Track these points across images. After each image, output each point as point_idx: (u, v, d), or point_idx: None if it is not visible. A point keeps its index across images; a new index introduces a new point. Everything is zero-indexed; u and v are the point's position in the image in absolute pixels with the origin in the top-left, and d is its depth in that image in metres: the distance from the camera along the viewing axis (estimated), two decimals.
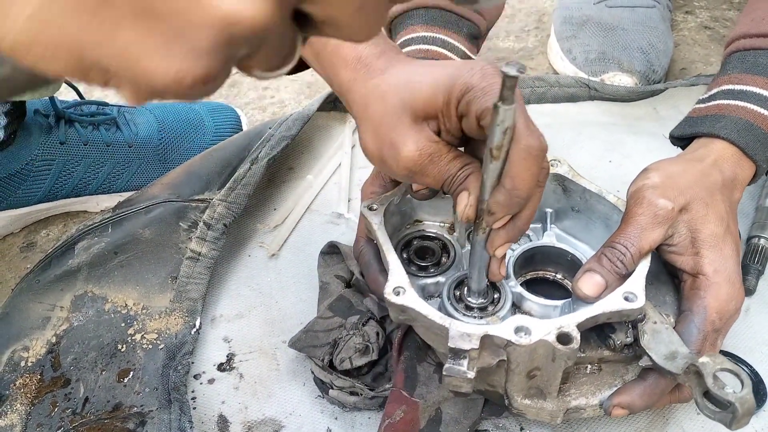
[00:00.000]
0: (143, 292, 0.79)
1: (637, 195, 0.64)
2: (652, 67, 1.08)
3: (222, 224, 0.83)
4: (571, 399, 0.62)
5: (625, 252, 0.61)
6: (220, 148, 0.93)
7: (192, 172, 0.89)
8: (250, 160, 0.89)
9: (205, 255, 0.81)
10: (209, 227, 0.83)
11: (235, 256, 0.87)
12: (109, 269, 0.81)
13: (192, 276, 0.80)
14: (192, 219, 0.84)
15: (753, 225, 0.84)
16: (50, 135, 0.92)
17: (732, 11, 1.28)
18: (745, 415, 0.54)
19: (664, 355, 0.58)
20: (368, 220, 0.66)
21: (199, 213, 0.84)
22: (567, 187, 0.71)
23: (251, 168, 0.88)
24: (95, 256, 0.82)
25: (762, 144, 0.68)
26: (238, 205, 0.85)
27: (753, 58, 0.72)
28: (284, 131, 0.93)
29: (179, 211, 0.84)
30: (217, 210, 0.84)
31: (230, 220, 0.84)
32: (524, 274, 0.71)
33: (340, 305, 0.76)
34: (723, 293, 0.62)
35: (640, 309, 0.59)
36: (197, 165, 0.91)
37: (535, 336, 0.56)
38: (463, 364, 0.56)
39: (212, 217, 0.83)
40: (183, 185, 0.88)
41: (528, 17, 1.31)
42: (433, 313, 0.58)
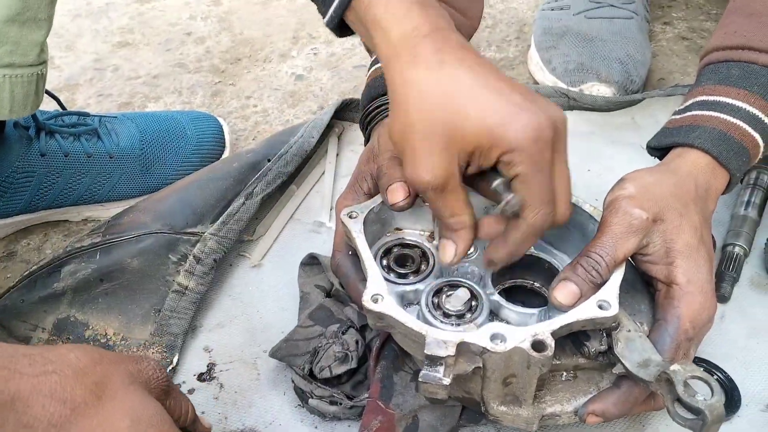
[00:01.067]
0: (125, 322, 0.79)
1: (612, 205, 0.65)
2: (630, 77, 1.09)
3: (212, 259, 0.83)
4: (546, 406, 0.62)
5: (600, 261, 0.62)
6: (215, 178, 0.91)
7: (185, 201, 0.88)
8: (245, 195, 0.88)
9: (191, 289, 0.81)
10: (198, 261, 0.82)
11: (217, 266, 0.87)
12: (93, 296, 0.80)
13: (176, 310, 0.79)
14: (182, 252, 0.83)
15: (728, 233, 0.85)
16: (30, 147, 0.91)
17: (709, 22, 1.30)
18: (715, 422, 0.55)
19: (637, 363, 0.59)
20: (348, 227, 0.67)
21: (190, 246, 0.83)
22: None
23: (245, 203, 0.87)
24: (81, 281, 0.81)
25: (735, 153, 0.69)
26: (229, 240, 0.84)
27: (726, 69, 0.73)
28: (282, 167, 0.92)
29: (170, 243, 0.83)
30: (208, 244, 0.83)
31: (220, 255, 0.83)
32: (503, 283, 0.72)
33: (320, 314, 0.76)
34: (696, 303, 0.63)
35: (613, 317, 0.59)
36: (191, 194, 0.89)
37: (510, 343, 0.57)
38: (439, 370, 0.56)
39: (203, 251, 0.83)
40: (175, 215, 0.86)
41: (509, 27, 1.33)
42: (410, 320, 0.59)
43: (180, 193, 0.90)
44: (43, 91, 0.79)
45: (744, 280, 0.84)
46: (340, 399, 0.70)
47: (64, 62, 1.28)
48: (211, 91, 1.22)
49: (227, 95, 1.21)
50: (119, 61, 1.29)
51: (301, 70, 1.25)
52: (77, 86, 1.23)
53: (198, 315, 0.82)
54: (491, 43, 1.29)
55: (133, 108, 1.19)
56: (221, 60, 1.28)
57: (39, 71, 0.76)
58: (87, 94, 1.22)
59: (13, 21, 0.70)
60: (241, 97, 1.20)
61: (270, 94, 1.20)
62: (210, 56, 1.29)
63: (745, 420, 0.71)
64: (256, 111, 1.18)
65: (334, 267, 0.71)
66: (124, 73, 1.26)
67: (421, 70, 0.57)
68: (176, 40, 1.33)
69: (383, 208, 0.69)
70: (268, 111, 1.18)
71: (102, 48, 1.32)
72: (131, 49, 1.32)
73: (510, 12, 1.36)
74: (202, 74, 1.25)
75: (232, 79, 1.24)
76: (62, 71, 1.26)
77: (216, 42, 1.32)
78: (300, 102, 1.19)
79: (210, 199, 0.88)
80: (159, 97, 1.21)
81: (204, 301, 0.83)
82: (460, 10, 0.92)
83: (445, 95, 0.56)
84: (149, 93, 1.22)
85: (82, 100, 1.21)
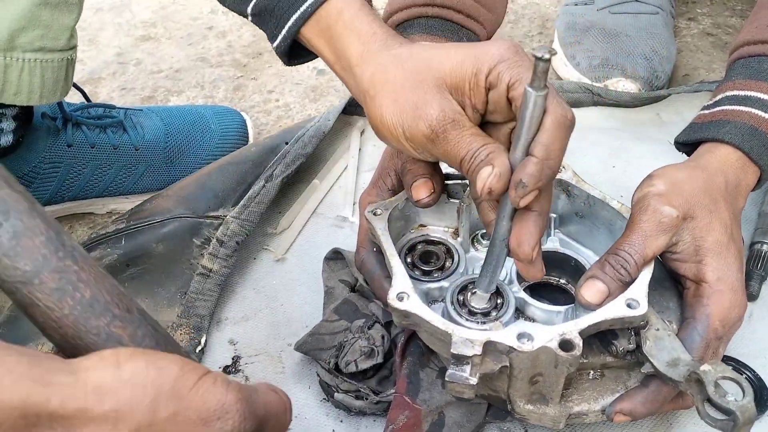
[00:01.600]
0: (152, 305, 0.79)
1: (642, 202, 0.64)
2: (656, 73, 1.08)
3: (234, 241, 0.83)
4: (573, 405, 0.62)
5: (629, 259, 0.61)
6: (234, 162, 0.93)
7: (207, 186, 0.89)
8: (265, 178, 0.89)
9: (216, 272, 0.82)
10: (222, 244, 0.83)
11: (241, 260, 0.87)
12: (120, 281, 0.79)
13: (201, 292, 0.80)
14: (205, 235, 0.84)
15: (756, 231, 0.84)
16: (57, 138, 0.92)
17: (734, 18, 1.29)
18: (746, 423, 0.54)
19: (666, 362, 0.58)
20: (372, 225, 0.66)
21: (213, 230, 0.84)
22: (571, 193, 0.71)
23: (265, 186, 0.88)
24: (107, 266, 0.82)
25: (766, 148, 0.69)
26: (251, 223, 0.85)
27: (757, 64, 0.73)
28: (300, 149, 0.93)
29: (193, 227, 0.85)
30: (230, 227, 0.84)
31: (243, 237, 0.84)
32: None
33: (345, 309, 0.76)
34: (726, 301, 0.62)
35: (642, 316, 0.59)
36: (212, 179, 0.91)
37: (537, 342, 0.56)
38: (465, 370, 0.56)
39: (225, 234, 0.84)
40: (198, 200, 0.88)
41: (531, 23, 1.32)
42: (436, 318, 0.59)
43: (201, 179, 0.91)
44: (72, 77, 0.80)
45: None
46: (366, 394, 0.70)
47: (86, 56, 1.29)
48: (233, 85, 1.22)
49: (249, 89, 1.21)
50: (141, 55, 1.29)
51: (322, 64, 1.24)
52: (100, 80, 1.24)
53: (223, 307, 0.82)
54: (513, 38, 1.28)
55: (156, 102, 1.20)
56: (243, 54, 1.28)
57: (69, 56, 0.76)
58: (110, 88, 1.22)
59: (45, 4, 0.71)
60: (263, 91, 1.20)
61: (292, 88, 1.21)
62: (232, 50, 1.29)
63: None
64: (278, 105, 1.18)
65: (358, 263, 0.71)
66: (147, 67, 1.26)
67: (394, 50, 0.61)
68: (198, 34, 1.33)
69: (407, 204, 0.69)
70: (290, 105, 1.18)
71: (124, 42, 1.32)
72: (153, 43, 1.32)
73: (532, 7, 1.36)
74: (224, 68, 1.25)
75: (254, 74, 1.24)
76: (85, 65, 1.27)
77: (238, 36, 1.32)
78: (321, 96, 1.19)
79: (230, 182, 0.89)
80: (181, 91, 1.22)
81: (229, 293, 0.84)
82: (484, 4, 0.91)
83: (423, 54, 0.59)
84: (171, 87, 1.22)
85: (105, 94, 1.21)
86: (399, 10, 0.88)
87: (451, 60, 0.58)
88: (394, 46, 0.61)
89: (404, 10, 0.87)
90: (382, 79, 0.60)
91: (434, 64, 0.58)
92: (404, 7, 0.88)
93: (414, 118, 0.58)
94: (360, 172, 0.98)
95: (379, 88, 0.60)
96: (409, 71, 0.59)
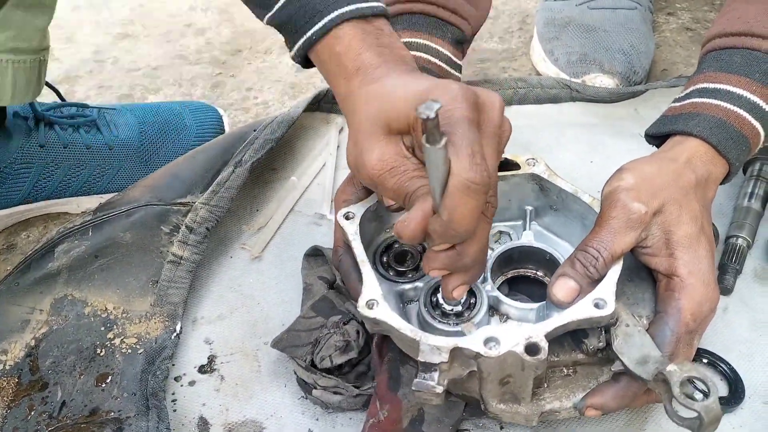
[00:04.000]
0: (123, 295, 0.79)
1: (611, 197, 0.64)
2: (633, 68, 1.08)
3: (204, 228, 0.83)
4: (545, 402, 0.62)
5: (598, 256, 0.61)
6: (202, 150, 0.93)
7: (174, 175, 0.89)
8: (234, 163, 0.88)
9: (186, 259, 0.81)
10: (191, 231, 0.82)
11: (217, 258, 0.87)
12: (89, 273, 0.80)
13: (173, 280, 0.80)
14: (174, 223, 0.84)
15: (731, 225, 0.85)
16: (29, 138, 0.91)
17: (713, 13, 1.29)
18: (712, 422, 0.54)
19: (635, 360, 0.59)
20: (344, 230, 0.67)
21: (182, 216, 0.84)
22: (543, 186, 0.71)
23: (235, 171, 0.87)
24: (75, 259, 0.81)
25: (735, 142, 0.68)
26: (220, 209, 0.84)
27: (728, 56, 0.72)
28: (269, 134, 0.93)
29: (161, 215, 0.84)
30: (199, 213, 0.83)
31: (213, 223, 0.84)
32: (505, 273, 0.72)
33: (322, 305, 0.76)
34: (697, 295, 0.62)
35: (610, 315, 0.59)
36: (180, 167, 0.90)
37: (503, 347, 0.57)
38: (433, 377, 0.57)
39: (194, 220, 0.83)
40: (165, 188, 0.87)
41: (511, 18, 1.32)
42: (404, 326, 0.60)
43: (167, 169, 0.90)
44: (44, 78, 0.79)
45: (747, 272, 0.83)
46: (345, 388, 0.70)
47: (64, 54, 1.27)
48: (211, 82, 1.21)
49: (228, 87, 1.20)
50: (119, 53, 1.28)
51: None
52: (77, 78, 1.23)
53: (198, 306, 0.82)
54: (494, 34, 1.28)
55: (133, 100, 1.18)
56: (222, 51, 1.27)
57: (41, 57, 0.76)
58: (87, 86, 1.21)
59: (17, 5, 0.70)
60: (241, 88, 1.19)
61: (271, 85, 1.20)
62: (210, 48, 1.28)
63: (748, 413, 0.71)
64: (257, 103, 1.17)
65: (335, 263, 0.71)
66: (124, 65, 1.25)
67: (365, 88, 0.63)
68: (176, 31, 1.32)
69: (380, 206, 0.69)
70: (269, 103, 1.17)
71: (102, 40, 1.31)
72: (131, 41, 1.31)
73: (513, 3, 1.36)
74: (203, 66, 1.25)
75: (232, 71, 1.23)
76: (62, 63, 1.25)
77: (216, 33, 1.31)
78: (301, 93, 1.18)
79: (198, 169, 0.89)
80: (159, 88, 1.21)
81: (204, 292, 0.83)
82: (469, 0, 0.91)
83: (381, 95, 0.60)
84: (149, 85, 1.21)
85: (82, 92, 1.20)
86: None
87: (398, 105, 0.58)
88: (370, 82, 0.63)
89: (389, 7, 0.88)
90: (351, 120, 0.64)
91: (388, 106, 0.59)
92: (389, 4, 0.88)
93: (359, 166, 0.60)
94: (338, 169, 0.98)
95: (349, 125, 0.64)
96: (370, 114, 0.60)
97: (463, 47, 0.94)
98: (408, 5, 0.88)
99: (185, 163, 0.91)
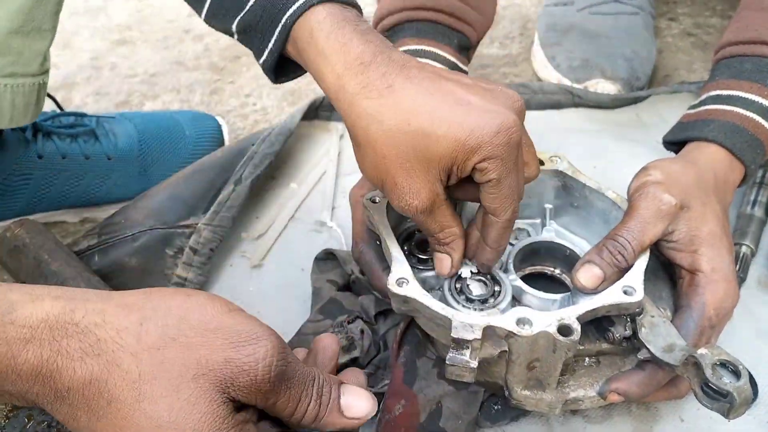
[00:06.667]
0: None
1: (640, 189, 0.65)
2: (636, 74, 1.08)
3: (208, 249, 0.83)
4: (569, 391, 0.62)
5: (626, 245, 0.62)
6: (201, 169, 0.92)
7: (176, 197, 0.88)
8: (234, 181, 0.88)
9: (191, 281, 0.81)
10: (195, 252, 0.83)
11: (216, 266, 0.86)
12: None
13: None
14: (178, 245, 0.84)
15: (735, 232, 0.84)
16: (27, 149, 0.90)
17: (715, 18, 1.29)
18: (743, 404, 0.55)
19: (662, 348, 0.59)
20: (370, 212, 0.67)
21: (185, 239, 0.84)
22: (567, 184, 0.72)
23: (235, 189, 0.87)
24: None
25: (749, 145, 0.71)
26: (223, 228, 0.85)
27: (739, 64, 0.75)
28: (267, 148, 0.92)
29: (165, 238, 0.84)
30: (203, 235, 0.84)
31: (216, 243, 0.84)
32: (523, 269, 0.72)
33: (330, 308, 0.76)
34: (720, 290, 0.63)
35: (638, 302, 0.60)
36: (180, 188, 0.90)
37: (536, 327, 0.57)
38: (465, 353, 0.57)
39: (198, 242, 0.83)
40: (167, 211, 0.87)
41: (512, 24, 1.31)
42: (436, 304, 0.59)
43: (168, 189, 0.90)
44: (44, 100, 0.78)
45: (751, 280, 0.82)
46: None
47: (61, 60, 1.26)
48: (210, 89, 1.20)
49: (226, 93, 1.19)
50: (117, 59, 1.27)
51: None
52: (74, 85, 1.22)
53: None
54: (494, 39, 1.28)
55: (131, 107, 1.18)
56: (220, 57, 1.26)
57: (41, 80, 0.75)
58: (84, 93, 1.20)
59: (16, 32, 0.69)
60: (240, 95, 1.19)
61: (269, 92, 1.19)
62: (209, 54, 1.28)
63: (755, 422, 0.70)
64: (256, 109, 1.16)
65: (356, 255, 0.71)
66: (122, 72, 1.25)
67: (374, 101, 0.56)
68: (174, 37, 1.32)
69: None
70: (268, 109, 1.16)
71: (99, 46, 1.30)
72: (129, 47, 1.30)
73: (514, 8, 1.35)
74: (201, 72, 1.24)
75: (231, 77, 1.22)
76: (59, 69, 1.24)
77: (215, 39, 1.30)
78: (300, 100, 1.17)
79: (199, 190, 0.89)
80: (157, 95, 1.20)
81: None
82: (474, 7, 0.91)
83: (405, 120, 0.55)
84: (147, 91, 1.20)
85: (79, 99, 1.19)
86: (389, 14, 0.88)
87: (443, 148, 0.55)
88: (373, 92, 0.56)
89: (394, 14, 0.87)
90: (364, 137, 0.57)
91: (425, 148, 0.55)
92: (394, 11, 0.87)
93: (398, 195, 0.57)
94: (339, 176, 0.97)
95: (361, 143, 0.58)
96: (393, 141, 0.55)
97: (469, 53, 0.94)
98: (413, 12, 0.88)
99: (185, 183, 0.90)
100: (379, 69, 0.57)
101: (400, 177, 0.57)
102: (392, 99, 0.56)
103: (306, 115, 1.00)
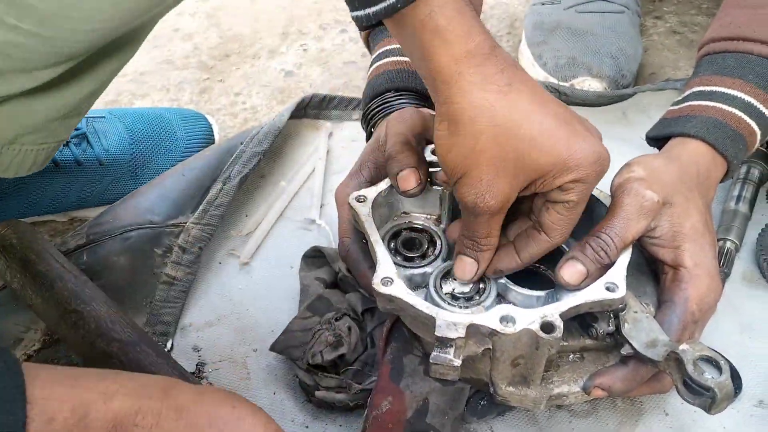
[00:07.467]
0: None
1: (624, 186, 0.65)
2: (622, 72, 1.09)
3: (197, 247, 0.84)
4: (553, 386, 0.63)
5: (609, 242, 0.62)
6: (190, 167, 0.92)
7: (164, 196, 0.89)
8: (222, 180, 0.89)
9: (180, 279, 0.82)
10: (184, 251, 0.83)
11: (205, 264, 0.86)
12: None
13: (167, 300, 0.81)
14: (166, 244, 0.84)
15: (719, 228, 0.85)
16: None
17: (701, 16, 1.30)
18: (724, 399, 0.56)
19: (644, 343, 0.60)
20: (356, 211, 0.67)
21: (174, 238, 0.84)
22: None
23: (223, 188, 0.88)
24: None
25: (731, 140, 0.71)
26: (212, 227, 0.85)
27: (721, 60, 0.75)
28: (256, 146, 0.93)
29: (154, 237, 0.85)
30: (191, 234, 0.84)
31: (204, 243, 0.84)
32: None
33: (318, 305, 0.76)
34: (703, 285, 0.64)
35: (621, 299, 0.60)
36: (169, 187, 0.90)
37: (519, 325, 0.57)
38: (449, 352, 0.57)
39: (187, 240, 0.84)
40: (156, 210, 0.87)
41: (500, 23, 1.32)
42: (420, 302, 0.60)
43: (157, 188, 0.90)
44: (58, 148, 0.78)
45: (735, 275, 0.83)
46: (348, 386, 0.70)
47: None
48: (199, 88, 1.21)
49: (215, 92, 1.19)
50: None
51: (290, 66, 1.24)
52: None
53: (187, 314, 0.81)
54: None
55: (120, 105, 1.18)
56: (209, 56, 1.27)
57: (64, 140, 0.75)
58: None
59: (58, 118, 0.69)
60: (229, 93, 1.19)
61: (259, 90, 1.19)
62: (198, 53, 1.28)
63: (739, 416, 0.71)
64: (245, 108, 1.17)
65: (343, 253, 0.71)
66: None
67: (492, 94, 0.55)
68: (163, 36, 1.32)
69: (391, 191, 0.70)
70: (257, 108, 1.17)
71: None
72: None
73: (501, 7, 1.36)
74: (190, 71, 1.24)
75: (220, 76, 1.23)
76: None
77: (204, 38, 1.30)
78: (289, 98, 1.18)
79: (187, 189, 0.89)
80: (146, 94, 1.20)
81: (193, 299, 0.83)
82: None
83: (516, 123, 0.56)
84: (136, 90, 1.20)
85: None
86: None
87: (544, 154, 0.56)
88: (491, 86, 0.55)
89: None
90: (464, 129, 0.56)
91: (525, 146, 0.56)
92: None
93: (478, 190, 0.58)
94: (328, 174, 0.98)
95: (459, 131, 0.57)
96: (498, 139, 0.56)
97: None
98: None
99: (174, 181, 0.90)
100: (498, 64, 0.56)
101: (488, 174, 0.57)
102: (509, 98, 0.56)
103: (295, 114, 1.00)
